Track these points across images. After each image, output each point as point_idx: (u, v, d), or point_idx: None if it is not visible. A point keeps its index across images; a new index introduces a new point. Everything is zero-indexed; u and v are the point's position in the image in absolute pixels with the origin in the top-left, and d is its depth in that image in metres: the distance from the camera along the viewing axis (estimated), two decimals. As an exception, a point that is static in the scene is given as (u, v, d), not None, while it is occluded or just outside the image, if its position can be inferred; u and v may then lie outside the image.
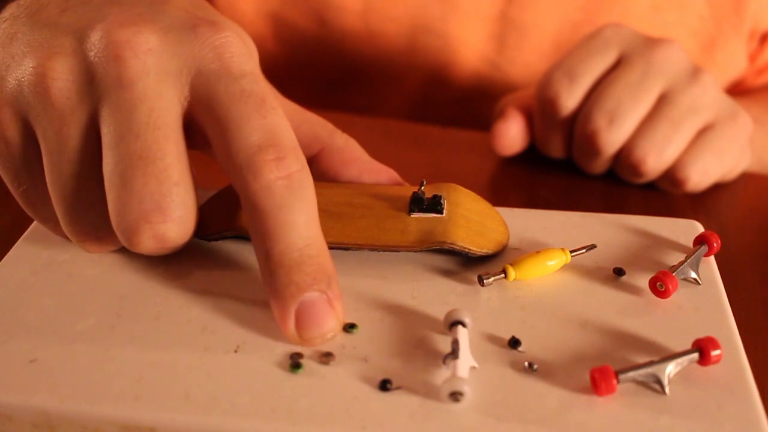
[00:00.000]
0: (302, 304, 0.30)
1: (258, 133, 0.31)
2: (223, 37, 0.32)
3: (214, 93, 0.31)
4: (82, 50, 0.32)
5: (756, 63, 0.69)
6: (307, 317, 0.30)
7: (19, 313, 0.33)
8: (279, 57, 0.73)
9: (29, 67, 0.31)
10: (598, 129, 0.50)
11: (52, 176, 0.32)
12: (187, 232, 0.32)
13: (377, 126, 0.60)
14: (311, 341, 0.31)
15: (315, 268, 0.31)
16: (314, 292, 0.30)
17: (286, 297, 0.30)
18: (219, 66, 0.32)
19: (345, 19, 0.69)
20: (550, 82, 0.52)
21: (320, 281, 0.31)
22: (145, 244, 0.31)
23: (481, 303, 0.34)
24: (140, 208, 0.30)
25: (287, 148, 0.31)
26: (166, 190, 0.31)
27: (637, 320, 0.33)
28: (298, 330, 0.31)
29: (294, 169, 0.31)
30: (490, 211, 0.38)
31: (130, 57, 0.31)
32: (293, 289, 0.30)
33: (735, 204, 0.54)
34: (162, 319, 0.32)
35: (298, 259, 0.30)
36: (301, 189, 0.31)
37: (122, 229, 0.31)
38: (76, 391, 0.29)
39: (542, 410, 0.28)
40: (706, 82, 0.51)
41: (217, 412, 0.28)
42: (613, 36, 0.52)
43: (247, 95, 0.31)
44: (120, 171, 0.30)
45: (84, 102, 0.31)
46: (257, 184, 0.30)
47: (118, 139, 0.31)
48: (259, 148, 0.30)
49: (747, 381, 0.30)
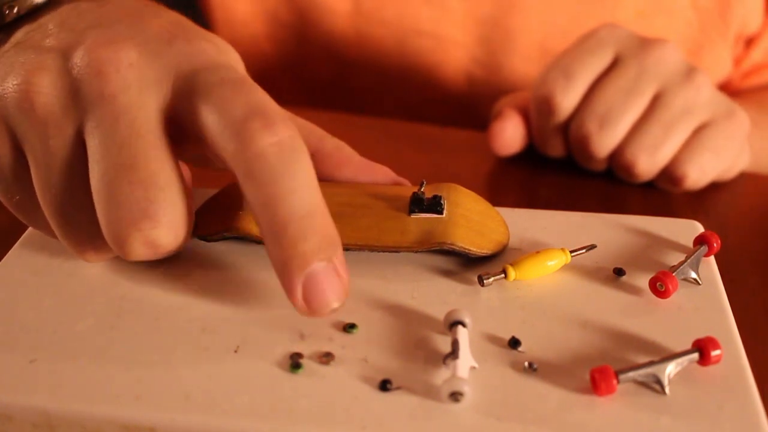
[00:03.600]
0: (309, 275, 0.30)
1: (242, 107, 0.30)
2: (197, 44, 0.33)
3: (193, 88, 0.32)
4: (65, 68, 0.32)
5: (741, 66, 0.70)
6: (315, 288, 0.30)
7: (19, 313, 0.33)
8: (272, 57, 0.73)
9: (13, 83, 0.32)
10: (589, 133, 0.50)
11: (42, 190, 0.32)
12: (180, 235, 0.32)
13: (376, 126, 0.60)
14: (320, 311, 0.30)
15: (319, 236, 0.30)
16: (320, 262, 0.30)
17: (293, 269, 0.30)
18: (196, 65, 0.32)
19: (334, 20, 0.69)
20: (546, 81, 0.52)
21: (325, 249, 0.30)
22: (137, 252, 0.31)
23: (481, 303, 0.34)
24: (129, 216, 0.30)
25: (275, 116, 0.30)
26: (153, 195, 0.30)
27: (637, 320, 0.33)
28: (306, 302, 0.30)
29: (285, 134, 0.30)
30: (491, 211, 0.38)
31: (112, 72, 0.31)
32: (299, 260, 0.30)
33: (735, 204, 0.54)
34: (162, 320, 0.32)
35: (302, 228, 0.30)
36: (295, 153, 0.30)
37: (113, 238, 0.31)
38: (76, 391, 0.29)
39: (542, 410, 0.28)
40: (700, 82, 0.51)
41: (217, 412, 0.28)
42: (608, 36, 0.53)
43: (226, 81, 0.31)
44: (106, 182, 0.30)
45: (69, 116, 0.32)
46: (249, 153, 0.29)
47: (103, 150, 0.31)
48: (245, 119, 0.30)
49: (747, 381, 0.30)
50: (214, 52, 0.33)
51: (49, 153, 0.32)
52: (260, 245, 0.36)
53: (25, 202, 0.34)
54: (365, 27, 0.69)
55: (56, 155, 0.32)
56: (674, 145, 0.50)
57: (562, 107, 0.52)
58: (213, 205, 0.38)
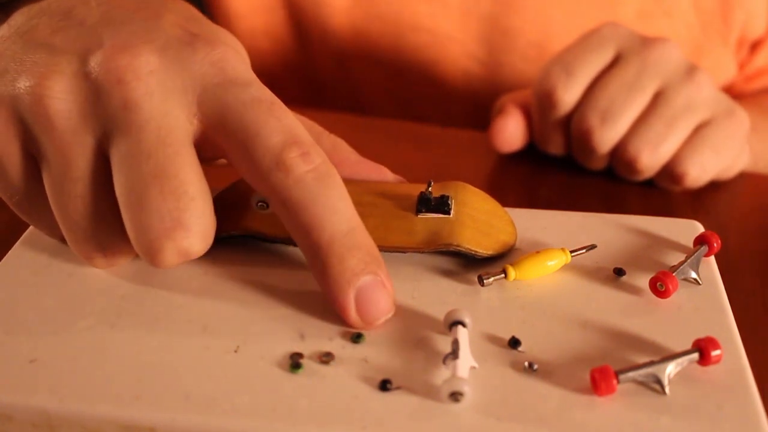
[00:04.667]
0: (360, 288, 0.31)
1: (278, 134, 0.31)
2: (221, 52, 0.33)
3: (224, 105, 0.32)
4: (82, 73, 0.31)
5: (745, 70, 0.70)
6: (367, 301, 0.31)
7: (19, 313, 0.33)
8: (270, 52, 0.73)
9: (26, 85, 0.31)
10: (591, 127, 0.51)
11: (57, 197, 0.32)
12: (209, 242, 0.32)
13: (376, 125, 0.60)
14: (373, 323, 0.32)
15: (364, 251, 0.31)
16: (368, 275, 0.31)
17: (344, 284, 0.31)
18: (223, 79, 0.32)
19: (332, 15, 0.69)
20: (547, 77, 0.52)
21: (371, 263, 0.31)
22: (169, 261, 0.31)
23: (481, 303, 0.34)
24: (161, 226, 0.30)
25: (308, 144, 0.31)
26: (184, 205, 0.31)
27: (637, 320, 0.33)
28: (360, 314, 0.31)
29: (319, 161, 0.31)
30: (499, 211, 0.38)
31: (133, 80, 0.31)
32: (349, 275, 0.31)
33: (735, 204, 0.54)
34: (162, 320, 0.32)
35: (347, 245, 0.31)
36: (330, 178, 0.31)
37: (145, 249, 0.31)
38: (76, 391, 0.29)
39: (542, 410, 0.28)
40: (701, 80, 0.51)
41: (217, 412, 0.28)
42: (610, 34, 0.53)
43: (258, 101, 0.32)
44: (136, 192, 0.30)
45: (88, 125, 0.31)
46: (290, 181, 0.31)
47: (130, 160, 0.31)
48: (283, 148, 0.31)
49: (747, 381, 0.30)
50: (237, 58, 0.33)
51: (67, 162, 0.32)
52: (261, 244, 0.36)
53: (26, 203, 0.34)
54: (363, 22, 0.69)
55: (74, 164, 0.32)
56: (676, 141, 0.50)
57: (564, 102, 0.52)
58: (219, 204, 0.38)
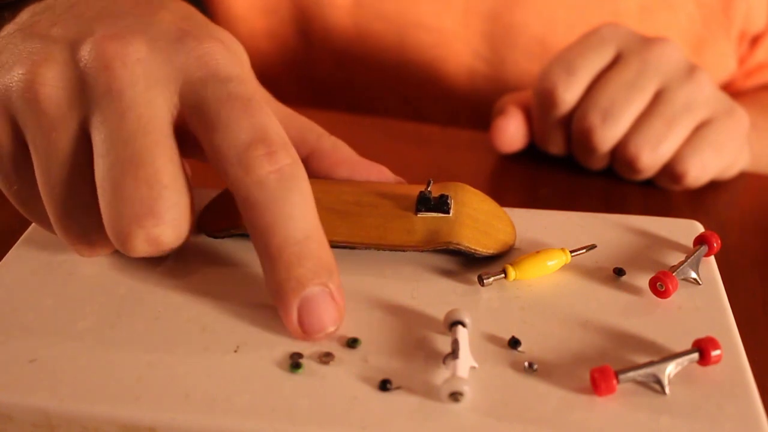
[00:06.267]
0: (304, 299, 0.30)
1: (247, 131, 0.31)
2: (208, 47, 0.33)
3: (202, 98, 0.32)
4: (72, 60, 0.32)
5: (745, 65, 0.70)
6: (310, 312, 0.30)
7: (19, 313, 0.33)
8: (272, 53, 0.73)
9: (19, 73, 0.32)
10: (592, 126, 0.51)
11: (43, 180, 0.32)
12: (181, 234, 0.32)
13: (377, 125, 0.60)
14: (314, 335, 0.31)
15: (315, 261, 0.31)
16: (315, 287, 0.30)
17: (288, 292, 0.30)
18: (205, 73, 0.32)
19: (334, 15, 0.69)
20: (548, 76, 0.52)
21: (321, 274, 0.31)
22: (139, 248, 0.31)
23: (481, 303, 0.34)
24: (132, 212, 0.30)
25: (277, 143, 0.31)
26: (157, 193, 0.31)
27: (637, 320, 0.33)
28: (302, 325, 0.31)
29: (285, 162, 0.31)
30: (498, 211, 0.38)
31: (119, 67, 0.31)
32: (294, 283, 0.30)
33: (735, 204, 0.54)
34: (162, 319, 0.32)
35: (297, 253, 0.30)
36: (294, 180, 0.31)
37: (116, 234, 0.31)
38: (76, 391, 0.29)
39: (542, 410, 0.28)
40: (702, 80, 0.51)
41: (217, 412, 0.28)
42: (610, 34, 0.53)
43: (234, 97, 0.32)
44: (111, 177, 0.31)
45: (74, 110, 0.32)
46: (249, 179, 0.30)
47: (108, 146, 0.31)
48: (248, 145, 0.30)
49: (747, 381, 0.30)
50: (224, 54, 0.33)
51: (53, 145, 0.32)
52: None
53: (24, 192, 0.34)
54: (365, 21, 0.69)
55: (60, 148, 0.32)
56: (676, 140, 0.50)
57: (564, 101, 0.52)
58: (220, 202, 0.38)
